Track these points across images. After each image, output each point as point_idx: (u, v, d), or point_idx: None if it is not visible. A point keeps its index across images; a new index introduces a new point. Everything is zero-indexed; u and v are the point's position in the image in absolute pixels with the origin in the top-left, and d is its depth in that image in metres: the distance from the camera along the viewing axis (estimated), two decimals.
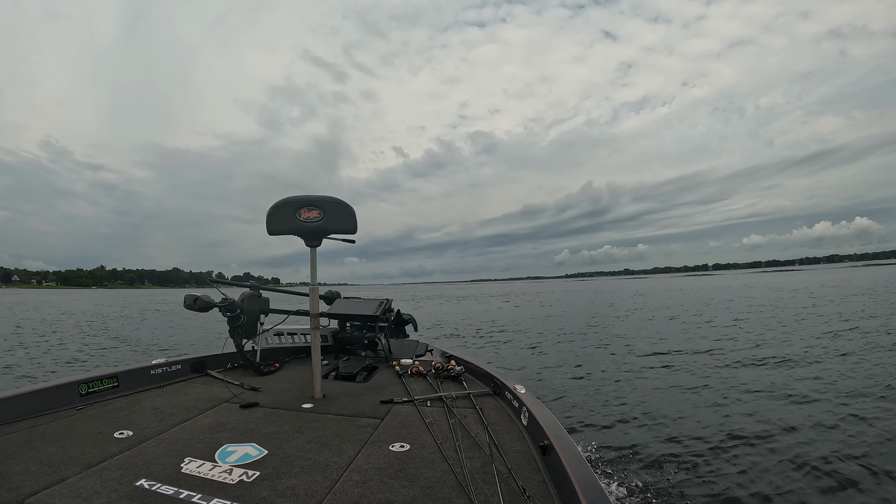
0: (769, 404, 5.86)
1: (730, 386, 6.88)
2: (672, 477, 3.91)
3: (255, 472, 1.78)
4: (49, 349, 12.20)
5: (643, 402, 6.22)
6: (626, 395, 6.61)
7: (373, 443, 2.11)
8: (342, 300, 4.60)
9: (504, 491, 1.63)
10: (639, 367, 8.58)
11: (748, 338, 11.29)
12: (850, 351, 9.00)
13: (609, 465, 4.18)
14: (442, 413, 2.51)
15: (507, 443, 2.10)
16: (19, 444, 1.98)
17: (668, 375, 7.84)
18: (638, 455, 4.38)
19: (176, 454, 1.93)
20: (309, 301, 3.00)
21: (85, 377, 2.74)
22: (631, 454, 4.40)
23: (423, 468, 1.83)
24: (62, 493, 1.57)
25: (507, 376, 2.90)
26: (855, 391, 6.19)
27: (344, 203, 2.86)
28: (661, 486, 3.78)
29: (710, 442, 4.68)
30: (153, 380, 3.11)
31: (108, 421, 2.33)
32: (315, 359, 2.89)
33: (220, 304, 3.38)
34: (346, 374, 3.46)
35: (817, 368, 7.72)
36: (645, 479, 3.90)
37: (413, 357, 3.97)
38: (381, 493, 1.63)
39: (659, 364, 8.74)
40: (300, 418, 2.47)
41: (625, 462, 4.23)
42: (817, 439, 4.61)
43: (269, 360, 3.79)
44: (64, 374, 8.52)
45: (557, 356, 10.00)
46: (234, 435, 2.18)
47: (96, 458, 1.87)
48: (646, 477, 3.94)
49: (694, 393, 6.65)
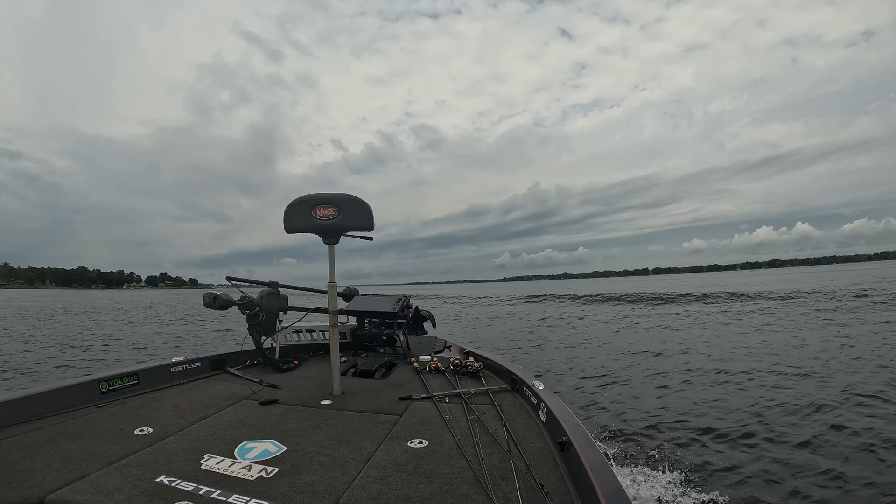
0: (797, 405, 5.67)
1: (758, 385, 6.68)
2: (693, 476, 3.81)
3: (275, 468, 1.77)
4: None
5: (665, 401, 6.08)
6: (648, 394, 6.48)
7: (391, 439, 2.09)
8: (360, 297, 4.60)
9: (522, 487, 1.59)
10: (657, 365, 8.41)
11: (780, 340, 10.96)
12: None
13: (628, 462, 4.10)
14: (460, 409, 2.47)
15: (526, 439, 2.06)
16: (41, 441, 2.01)
17: (688, 374, 7.65)
18: (658, 453, 4.27)
19: (196, 451, 1.93)
20: (327, 298, 2.99)
21: (105, 375, 2.77)
22: (650, 451, 4.29)
23: (442, 464, 1.80)
24: (83, 489, 1.58)
25: (526, 372, 2.86)
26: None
27: (360, 200, 2.85)
28: (681, 484, 3.68)
29: (732, 441, 4.55)
30: (173, 377, 3.14)
31: (129, 418, 2.36)
32: (334, 356, 2.89)
33: (239, 302, 3.40)
34: (365, 371, 3.45)
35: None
36: (664, 477, 3.80)
37: (431, 353, 3.94)
38: (399, 489, 1.60)
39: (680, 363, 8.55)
40: (319, 415, 2.46)
41: (644, 460, 4.13)
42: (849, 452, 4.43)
43: (288, 357, 3.80)
44: (84, 372, 8.72)
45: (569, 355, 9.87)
46: (253, 431, 2.18)
47: (117, 454, 1.89)
48: (666, 475, 3.84)
49: (718, 391, 6.48)
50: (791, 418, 5.06)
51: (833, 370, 7.20)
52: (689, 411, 5.52)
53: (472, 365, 3.25)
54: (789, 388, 6.28)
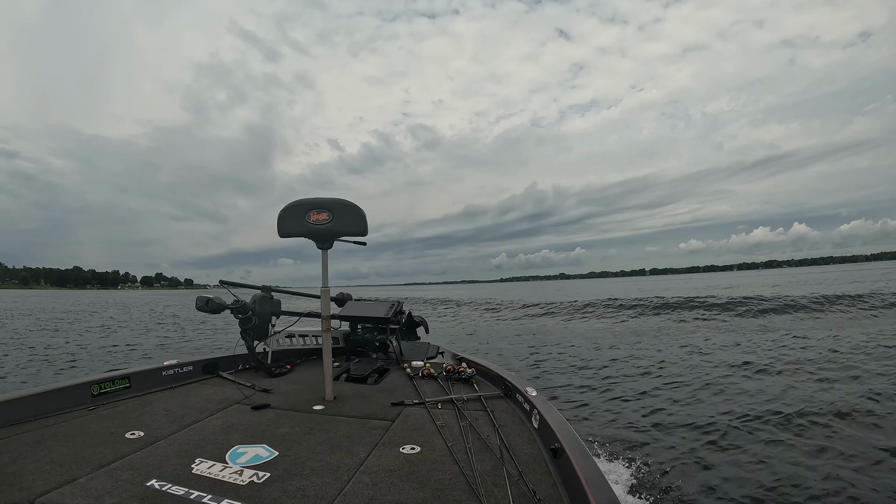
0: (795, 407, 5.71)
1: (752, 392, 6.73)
2: (685, 483, 3.83)
3: (266, 473, 1.77)
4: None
5: (658, 409, 6.11)
6: (640, 401, 6.51)
7: (383, 445, 2.09)
8: (353, 302, 4.61)
9: (514, 494, 1.60)
10: (653, 372, 8.45)
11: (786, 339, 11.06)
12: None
13: (620, 469, 4.11)
14: (453, 415, 2.48)
15: (518, 445, 2.07)
16: (31, 444, 2.00)
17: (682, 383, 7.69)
18: (651, 460, 4.29)
19: (187, 455, 1.93)
20: (320, 303, 3.00)
21: (97, 378, 2.76)
22: (643, 459, 4.31)
23: (434, 470, 1.81)
24: (73, 492, 1.57)
25: (519, 379, 2.87)
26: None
27: (353, 205, 2.86)
28: (673, 491, 3.71)
29: (725, 449, 4.57)
30: (165, 381, 3.12)
31: (120, 421, 2.35)
32: (326, 361, 2.89)
33: (231, 306, 3.40)
34: (358, 376, 3.45)
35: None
36: (657, 484, 3.82)
37: (424, 359, 3.95)
38: (391, 495, 1.61)
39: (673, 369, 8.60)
40: (311, 420, 2.46)
41: (637, 467, 4.15)
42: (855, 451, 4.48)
43: (281, 362, 3.79)
44: (76, 375, 8.50)
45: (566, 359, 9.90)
46: (245, 436, 2.18)
47: (108, 458, 1.88)
48: (658, 482, 3.86)
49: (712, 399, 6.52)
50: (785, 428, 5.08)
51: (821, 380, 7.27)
52: (683, 420, 5.54)
53: (465, 371, 3.26)
54: (792, 395, 6.30)
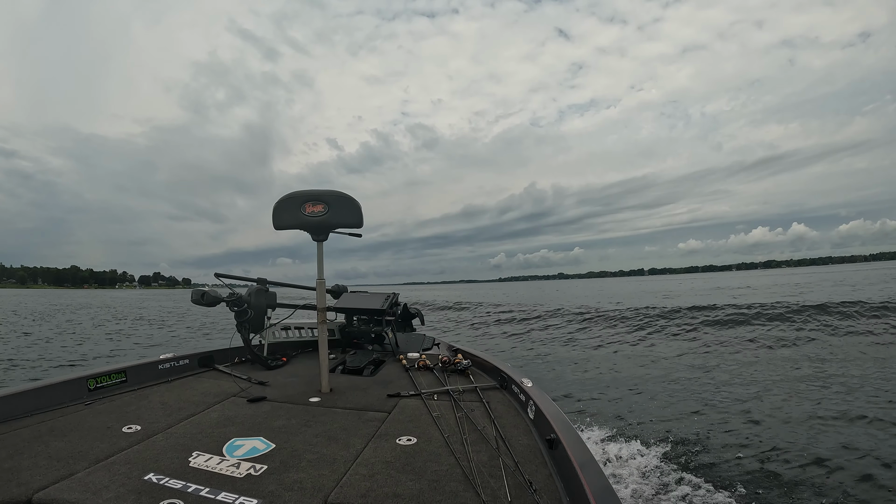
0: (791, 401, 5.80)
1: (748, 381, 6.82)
2: (679, 473, 3.89)
3: (263, 465, 1.78)
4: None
5: (650, 397, 6.18)
6: (637, 393, 6.57)
7: (380, 436, 2.10)
8: (349, 294, 4.60)
9: (511, 484, 1.62)
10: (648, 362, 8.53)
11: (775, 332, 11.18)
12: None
13: (616, 459, 4.17)
14: (449, 407, 2.49)
15: (514, 436, 2.09)
16: (28, 439, 1.99)
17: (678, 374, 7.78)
18: (647, 450, 4.36)
19: (184, 448, 1.93)
20: (316, 295, 3.00)
21: (93, 372, 2.75)
22: (639, 449, 4.38)
23: (430, 462, 1.82)
24: (71, 487, 1.57)
25: (514, 370, 2.89)
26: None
27: (349, 197, 2.84)
28: (668, 481, 3.76)
29: (718, 439, 4.65)
30: (161, 374, 3.12)
31: (117, 416, 2.34)
32: (322, 353, 2.89)
33: (227, 299, 3.38)
34: (354, 368, 3.46)
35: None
36: (653, 474, 3.88)
37: (420, 351, 3.96)
38: (388, 486, 1.62)
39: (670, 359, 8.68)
40: (307, 412, 2.47)
41: (632, 457, 4.21)
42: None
43: (277, 355, 3.79)
44: (72, 369, 8.44)
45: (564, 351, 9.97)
46: (241, 429, 2.18)
47: (105, 452, 1.88)
48: (652, 471, 3.91)
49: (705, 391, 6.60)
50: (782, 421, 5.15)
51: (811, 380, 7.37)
52: (678, 411, 5.62)
53: (461, 362, 3.28)
54: (784, 391, 6.38)
